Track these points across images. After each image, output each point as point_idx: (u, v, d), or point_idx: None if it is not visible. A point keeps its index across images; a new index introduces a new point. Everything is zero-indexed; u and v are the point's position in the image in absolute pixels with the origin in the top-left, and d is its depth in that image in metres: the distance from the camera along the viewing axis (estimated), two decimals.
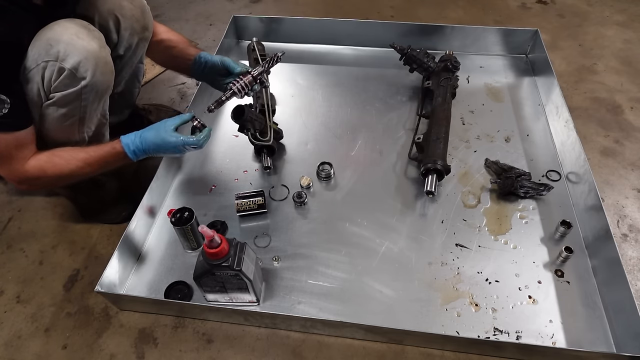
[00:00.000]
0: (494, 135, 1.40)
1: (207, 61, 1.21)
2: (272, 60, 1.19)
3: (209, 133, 1.09)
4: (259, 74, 1.16)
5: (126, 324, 1.04)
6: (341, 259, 1.11)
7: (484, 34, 1.67)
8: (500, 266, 1.09)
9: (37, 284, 1.12)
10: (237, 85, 1.13)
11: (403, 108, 1.51)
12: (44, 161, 1.00)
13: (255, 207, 1.18)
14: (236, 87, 1.13)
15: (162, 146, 1.03)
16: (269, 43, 1.69)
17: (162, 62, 1.36)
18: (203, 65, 1.22)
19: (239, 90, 1.14)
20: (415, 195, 1.24)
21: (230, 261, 0.88)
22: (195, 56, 1.22)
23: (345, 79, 1.63)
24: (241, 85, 1.14)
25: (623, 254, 1.13)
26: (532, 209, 1.20)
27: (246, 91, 1.16)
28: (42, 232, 1.23)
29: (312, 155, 1.35)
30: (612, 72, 1.69)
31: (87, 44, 0.94)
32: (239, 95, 1.15)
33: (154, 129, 1.04)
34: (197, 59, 1.22)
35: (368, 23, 1.74)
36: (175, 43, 1.26)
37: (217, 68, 1.20)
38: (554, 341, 0.96)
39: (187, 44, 1.29)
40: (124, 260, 1.07)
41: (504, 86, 1.58)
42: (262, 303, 1.03)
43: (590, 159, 1.34)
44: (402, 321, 0.99)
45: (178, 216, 1.06)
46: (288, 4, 2.17)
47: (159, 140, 1.03)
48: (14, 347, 1.01)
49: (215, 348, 0.99)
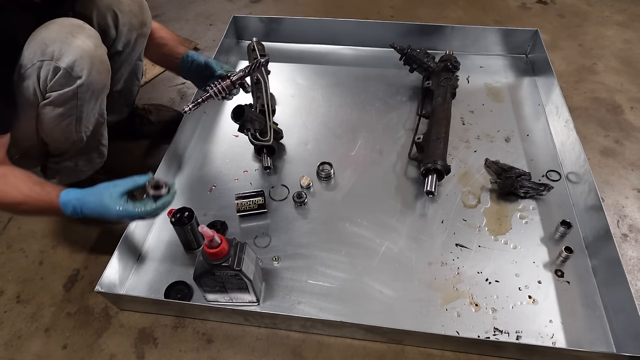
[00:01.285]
0: (494, 135, 1.40)
1: (193, 60, 1.20)
2: (254, 65, 1.17)
3: (170, 199, 0.96)
4: (238, 78, 1.14)
5: (126, 324, 1.04)
6: (341, 259, 1.11)
7: (484, 34, 1.67)
8: (500, 266, 1.09)
9: (37, 284, 1.12)
10: (214, 89, 1.12)
11: (403, 108, 1.51)
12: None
13: (255, 207, 1.18)
14: (213, 91, 1.12)
15: (104, 214, 0.91)
16: (269, 43, 1.69)
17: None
18: (190, 64, 1.21)
19: (215, 94, 1.13)
20: (415, 195, 1.24)
21: (230, 261, 0.88)
22: (183, 55, 1.22)
23: (345, 79, 1.63)
24: (218, 88, 1.12)
25: (623, 254, 1.13)
26: (532, 209, 1.20)
27: (224, 95, 1.14)
28: (42, 232, 1.23)
29: (312, 155, 1.35)
30: (612, 72, 1.69)
31: (83, 42, 0.93)
32: (216, 99, 1.14)
33: (98, 193, 0.92)
34: (185, 58, 1.21)
35: (368, 23, 1.74)
36: (165, 41, 1.25)
37: (202, 68, 1.19)
38: (554, 341, 0.96)
39: (178, 42, 1.28)
40: (124, 260, 1.07)
41: (504, 86, 1.58)
42: (262, 303, 1.03)
43: (590, 159, 1.34)
44: (402, 321, 0.99)
45: (178, 216, 1.06)
46: (288, 4, 2.17)
47: (100, 207, 0.91)
48: (14, 347, 1.01)
49: (215, 348, 0.99)
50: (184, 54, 1.22)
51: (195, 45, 1.89)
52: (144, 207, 0.92)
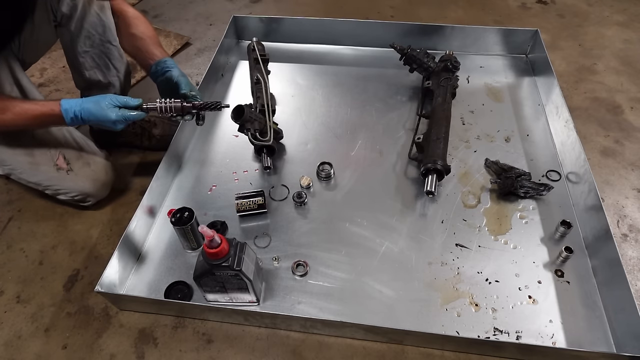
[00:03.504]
0: (494, 135, 1.40)
1: (166, 71, 1.19)
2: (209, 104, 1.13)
3: None
4: (192, 106, 1.12)
5: (126, 324, 1.04)
6: (341, 259, 1.11)
7: (484, 34, 1.67)
8: (500, 266, 1.09)
9: (37, 284, 1.12)
10: (162, 105, 1.09)
11: (403, 108, 1.51)
12: None
13: (255, 207, 1.18)
14: (160, 105, 1.09)
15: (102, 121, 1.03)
16: (269, 43, 1.69)
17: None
18: (161, 73, 1.20)
19: (161, 110, 1.09)
20: (415, 195, 1.24)
21: (230, 261, 0.88)
22: (158, 60, 1.20)
23: (345, 79, 1.63)
24: (167, 107, 1.09)
25: (623, 254, 1.13)
26: (532, 209, 1.20)
27: (169, 114, 1.11)
28: (42, 232, 1.23)
29: (312, 155, 1.35)
30: (612, 72, 1.69)
31: None
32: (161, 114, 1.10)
33: (96, 100, 1.04)
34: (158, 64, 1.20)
35: (368, 23, 1.74)
36: (144, 36, 1.22)
37: (171, 81, 1.18)
38: (554, 341, 0.96)
39: (156, 42, 1.24)
40: (124, 260, 1.07)
41: (504, 86, 1.58)
42: (262, 303, 1.03)
43: (590, 159, 1.34)
44: (402, 321, 0.99)
45: (178, 216, 1.06)
46: (288, 4, 2.17)
47: (99, 110, 1.02)
48: (14, 347, 1.01)
49: (215, 348, 0.99)
50: (159, 60, 1.20)
51: (187, 40, 1.88)
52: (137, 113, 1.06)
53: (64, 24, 1.17)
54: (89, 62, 1.24)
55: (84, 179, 1.20)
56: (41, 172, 1.15)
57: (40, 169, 1.15)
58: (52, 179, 1.17)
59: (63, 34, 1.19)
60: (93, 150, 1.25)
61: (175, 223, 1.05)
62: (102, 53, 1.24)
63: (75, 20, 1.16)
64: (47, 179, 1.17)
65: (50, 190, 1.20)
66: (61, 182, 1.18)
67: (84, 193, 1.21)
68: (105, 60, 1.26)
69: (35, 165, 1.14)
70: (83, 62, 1.23)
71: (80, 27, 1.18)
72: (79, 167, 1.20)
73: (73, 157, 1.19)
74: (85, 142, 1.24)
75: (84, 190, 1.20)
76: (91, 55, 1.23)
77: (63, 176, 1.17)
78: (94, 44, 1.22)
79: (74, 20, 1.16)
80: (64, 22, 1.16)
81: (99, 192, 1.24)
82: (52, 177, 1.16)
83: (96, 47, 1.23)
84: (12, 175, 1.16)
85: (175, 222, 1.05)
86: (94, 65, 1.25)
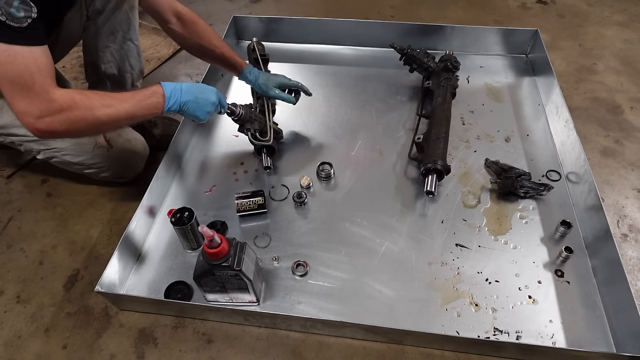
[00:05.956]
0: (494, 135, 1.40)
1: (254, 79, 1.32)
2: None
3: None
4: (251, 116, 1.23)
5: (126, 324, 1.04)
6: (341, 259, 1.11)
7: (484, 34, 1.67)
8: (500, 266, 1.09)
9: (37, 284, 1.12)
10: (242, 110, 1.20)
11: (403, 108, 1.51)
12: (74, 91, 0.89)
13: (255, 207, 1.18)
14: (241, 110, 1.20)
15: (201, 100, 1.04)
16: (269, 43, 1.69)
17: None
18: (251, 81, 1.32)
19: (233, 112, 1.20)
20: (415, 195, 1.24)
21: (230, 261, 0.88)
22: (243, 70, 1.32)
23: (345, 79, 1.63)
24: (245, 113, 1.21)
25: (623, 254, 1.13)
26: (532, 209, 1.20)
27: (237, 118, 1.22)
28: (42, 232, 1.23)
29: (312, 155, 1.35)
30: (612, 72, 1.69)
31: None
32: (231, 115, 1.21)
33: (195, 85, 1.06)
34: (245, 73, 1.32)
35: (368, 23, 1.74)
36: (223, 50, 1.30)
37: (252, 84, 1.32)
38: (554, 341, 0.96)
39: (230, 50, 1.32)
40: (124, 260, 1.07)
41: (504, 86, 1.58)
42: (262, 303, 1.03)
43: (590, 159, 1.34)
44: (402, 321, 0.99)
45: (178, 216, 1.06)
46: (288, 4, 2.17)
47: (199, 91, 1.04)
48: (14, 347, 1.01)
49: (215, 348, 0.99)
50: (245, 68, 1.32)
51: None
52: None
53: (92, 18, 1.18)
54: (107, 57, 1.27)
55: (125, 155, 1.24)
56: (85, 151, 1.18)
57: (83, 148, 1.18)
58: (95, 157, 1.20)
59: (88, 27, 1.21)
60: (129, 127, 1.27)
61: (175, 223, 1.05)
62: (121, 49, 1.27)
63: (104, 15, 1.18)
64: (91, 157, 1.19)
65: (93, 169, 1.23)
66: (105, 159, 1.20)
67: (126, 169, 1.26)
68: (123, 57, 1.29)
69: (78, 146, 1.17)
70: (102, 56, 1.26)
71: (107, 22, 1.20)
72: (121, 143, 1.23)
73: (113, 135, 1.22)
74: None
75: (127, 166, 1.25)
76: (111, 50, 1.26)
77: (105, 154, 1.20)
78: (116, 40, 1.25)
79: (103, 15, 1.18)
80: (93, 16, 1.18)
81: (138, 166, 1.29)
82: (96, 154, 1.19)
83: (117, 44, 1.26)
84: (55, 159, 1.19)
85: (175, 222, 1.05)
86: (111, 60, 1.28)
